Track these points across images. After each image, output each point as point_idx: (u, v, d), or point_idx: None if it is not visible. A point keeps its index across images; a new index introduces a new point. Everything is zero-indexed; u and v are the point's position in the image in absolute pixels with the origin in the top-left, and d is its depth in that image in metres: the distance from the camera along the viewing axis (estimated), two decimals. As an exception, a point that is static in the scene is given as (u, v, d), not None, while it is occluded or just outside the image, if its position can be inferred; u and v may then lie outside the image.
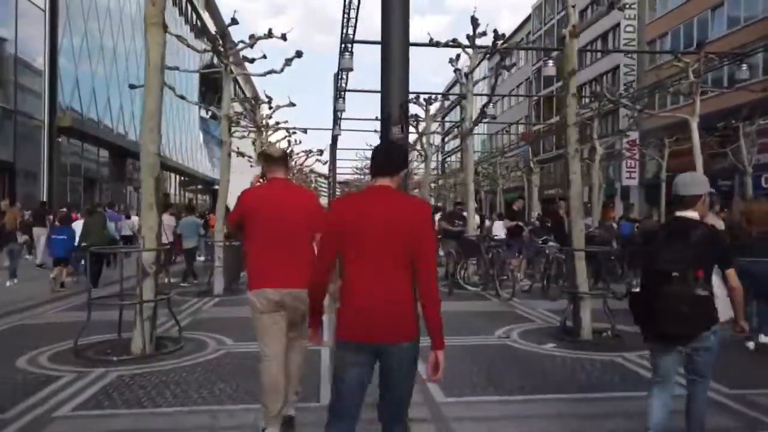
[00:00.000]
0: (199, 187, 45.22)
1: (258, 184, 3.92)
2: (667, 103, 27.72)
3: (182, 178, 40.49)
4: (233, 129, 13.56)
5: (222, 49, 10.26)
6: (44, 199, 20.35)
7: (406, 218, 2.44)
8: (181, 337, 6.33)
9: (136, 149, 30.27)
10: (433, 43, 11.60)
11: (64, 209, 15.20)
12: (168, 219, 12.24)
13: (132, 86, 12.04)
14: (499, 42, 10.84)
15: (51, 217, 14.43)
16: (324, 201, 54.54)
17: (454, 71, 12.53)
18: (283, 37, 10.70)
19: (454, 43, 11.55)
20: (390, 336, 2.39)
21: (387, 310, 2.39)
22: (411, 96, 18.06)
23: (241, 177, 10.68)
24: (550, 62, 13.65)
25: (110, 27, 28.65)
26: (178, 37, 10.63)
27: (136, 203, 31.34)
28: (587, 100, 27.30)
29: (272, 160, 3.63)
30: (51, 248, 10.81)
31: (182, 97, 11.77)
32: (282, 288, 3.39)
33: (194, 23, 35.82)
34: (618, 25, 35.28)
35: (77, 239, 10.28)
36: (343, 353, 2.46)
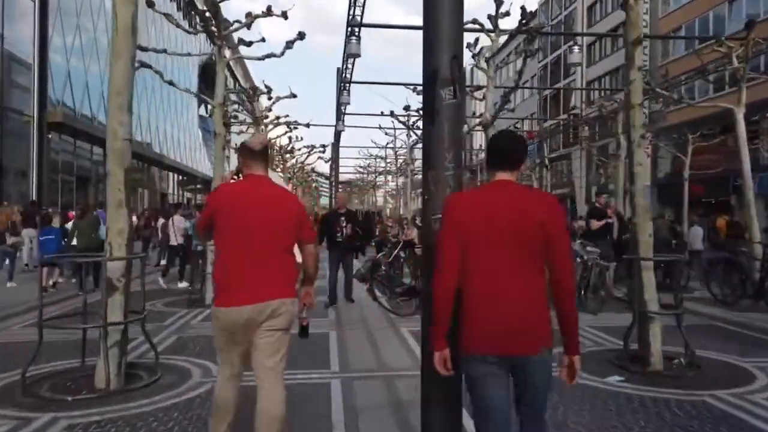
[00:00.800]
0: (199, 186, 44.25)
1: (232, 181, 3.22)
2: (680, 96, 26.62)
3: (181, 177, 39.57)
4: (230, 121, 12.43)
5: (214, 29, 9.08)
6: (34, 198, 19.40)
7: (539, 215, 2.24)
8: (158, 365, 5.15)
9: (132, 147, 29.44)
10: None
11: (49, 209, 14.39)
12: (178, 220, 11.65)
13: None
14: (527, 22, 9.64)
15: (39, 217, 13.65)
16: (325, 201, 53.50)
17: (472, 57, 11.36)
18: (284, 15, 9.54)
19: (474, 24, 10.37)
20: (529, 347, 2.23)
21: (524, 318, 2.21)
22: (422, 88, 16.95)
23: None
24: (576, 48, 12.49)
25: (105, 23, 27.62)
26: (166, 15, 9.47)
27: (133, 203, 30.36)
28: (603, 93, 26.19)
29: (251, 153, 3.07)
30: (40, 249, 10.45)
31: (171, 83, 10.60)
32: (249, 304, 2.87)
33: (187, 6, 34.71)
34: (630, 19, 34.21)
35: (72, 240, 9.89)
36: (478, 368, 2.28)
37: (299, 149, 26.51)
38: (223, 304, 2.92)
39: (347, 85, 16.77)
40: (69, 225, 11.07)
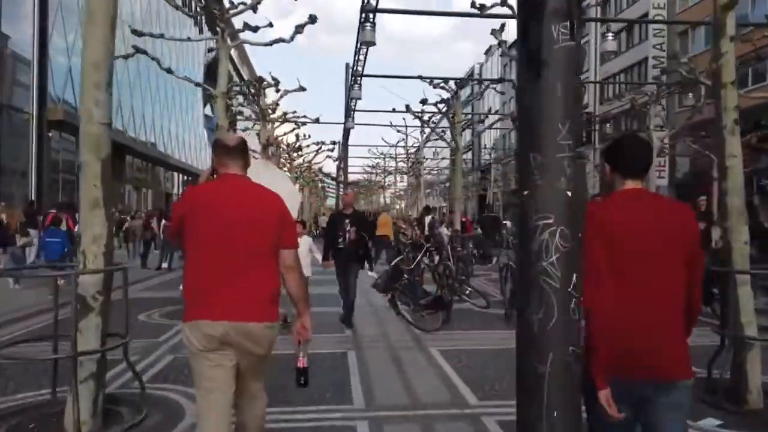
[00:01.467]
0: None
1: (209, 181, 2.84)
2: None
3: (186, 177, 38.99)
4: (235, 118, 11.57)
5: (216, 11, 8.20)
6: (33, 198, 18.72)
7: (687, 232, 2.12)
8: (144, 398, 4.25)
9: (135, 146, 28.66)
10: (477, 7, 9.46)
11: (54, 210, 13.80)
12: None
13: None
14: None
15: (40, 218, 13.25)
16: (331, 203, 52.60)
17: (498, 44, 10.44)
18: (294, -5, 8.64)
19: (503, 6, 9.42)
20: (672, 371, 2.04)
21: (670, 341, 2.04)
22: (438, 81, 16.01)
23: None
24: (610, 35, 11.57)
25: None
26: (166, -2, 8.62)
27: (135, 204, 29.71)
28: (618, 88, 25.25)
29: (226, 149, 2.72)
30: (44, 251, 10.17)
31: (169, 71, 9.75)
32: (225, 320, 2.50)
33: None
34: (646, 15, 33.49)
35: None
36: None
37: (308, 146, 25.61)
38: (195, 317, 2.52)
39: (358, 78, 15.80)
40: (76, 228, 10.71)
